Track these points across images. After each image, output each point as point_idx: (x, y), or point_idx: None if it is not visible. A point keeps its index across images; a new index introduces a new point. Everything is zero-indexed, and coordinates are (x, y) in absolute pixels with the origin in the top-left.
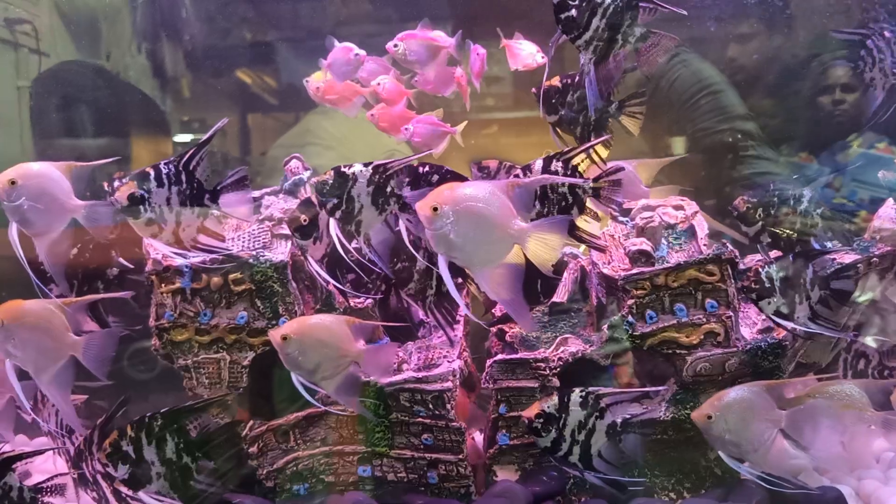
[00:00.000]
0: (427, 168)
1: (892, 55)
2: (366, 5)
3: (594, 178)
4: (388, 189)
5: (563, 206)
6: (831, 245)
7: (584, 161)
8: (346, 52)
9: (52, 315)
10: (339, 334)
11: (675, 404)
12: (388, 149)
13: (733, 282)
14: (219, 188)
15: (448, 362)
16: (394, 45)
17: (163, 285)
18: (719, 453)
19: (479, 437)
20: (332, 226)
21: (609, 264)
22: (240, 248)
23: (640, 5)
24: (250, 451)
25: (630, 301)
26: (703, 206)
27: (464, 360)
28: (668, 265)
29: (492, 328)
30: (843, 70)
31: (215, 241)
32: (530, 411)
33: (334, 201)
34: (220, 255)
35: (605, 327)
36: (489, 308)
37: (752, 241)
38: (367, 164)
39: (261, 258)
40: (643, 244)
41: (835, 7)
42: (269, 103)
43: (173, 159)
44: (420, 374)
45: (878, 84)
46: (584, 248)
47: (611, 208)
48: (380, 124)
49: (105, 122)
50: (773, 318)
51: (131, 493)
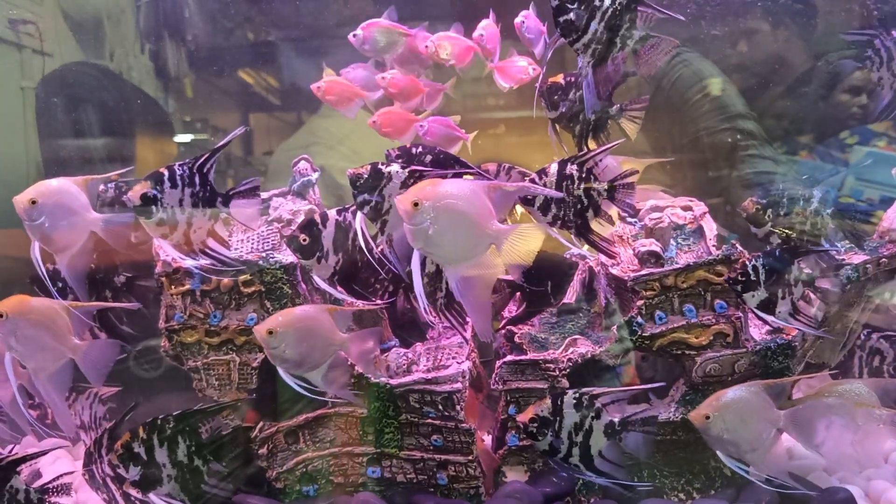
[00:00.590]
0: (420, 148)
1: None
2: (368, 6)
3: (609, 181)
4: None
5: (578, 209)
6: (841, 246)
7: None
8: None
9: (56, 315)
10: (323, 323)
11: (684, 405)
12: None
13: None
14: (231, 193)
15: (458, 363)
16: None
17: (173, 287)
18: (718, 454)
19: (488, 438)
20: (358, 219)
21: (618, 265)
22: (249, 249)
23: (639, 9)
24: (260, 452)
25: (639, 302)
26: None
27: (472, 361)
28: (678, 266)
29: (500, 330)
30: (851, 69)
31: (222, 247)
32: (525, 415)
33: (365, 196)
34: (225, 262)
35: (614, 328)
36: (499, 311)
37: (762, 241)
38: (404, 167)
39: (270, 260)
40: (652, 245)
41: (841, 6)
42: (271, 103)
43: (188, 161)
44: (430, 375)
45: (886, 84)
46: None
47: (625, 211)
48: (382, 130)
49: (111, 123)
50: (756, 311)
51: (141, 495)
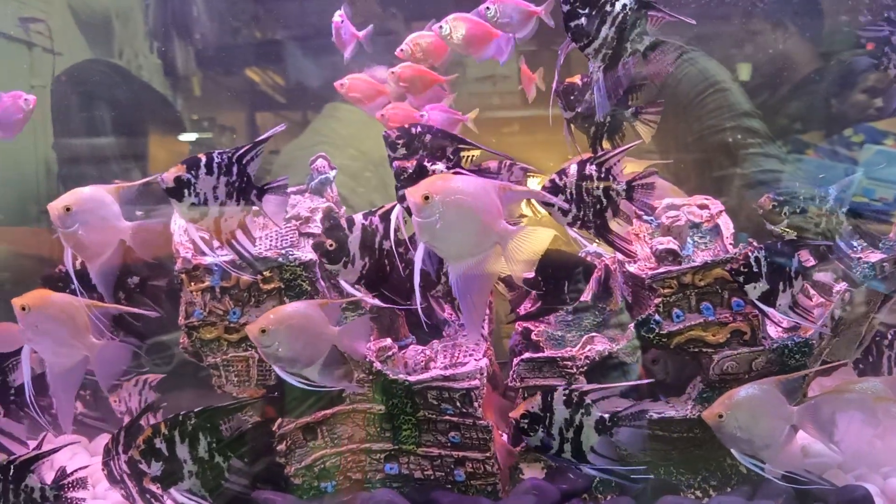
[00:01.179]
0: (419, 128)
1: None
2: (375, 5)
3: (628, 181)
4: None
5: (597, 209)
6: (857, 244)
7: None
8: None
9: (76, 312)
10: (315, 319)
11: (701, 402)
12: None
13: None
14: (264, 188)
15: (475, 360)
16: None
17: (192, 284)
18: (732, 451)
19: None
20: (395, 212)
21: (635, 263)
22: (267, 246)
23: (650, 14)
24: (278, 448)
25: (657, 299)
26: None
27: (489, 358)
28: (696, 264)
29: (517, 327)
30: (866, 66)
31: (248, 242)
32: (516, 412)
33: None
34: (246, 258)
35: (631, 326)
36: (515, 307)
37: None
38: (450, 166)
39: (290, 256)
40: (670, 243)
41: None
42: (277, 102)
43: (227, 150)
44: (448, 372)
45: None
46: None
47: (643, 211)
48: (389, 125)
49: (124, 121)
50: (756, 302)
51: (160, 490)
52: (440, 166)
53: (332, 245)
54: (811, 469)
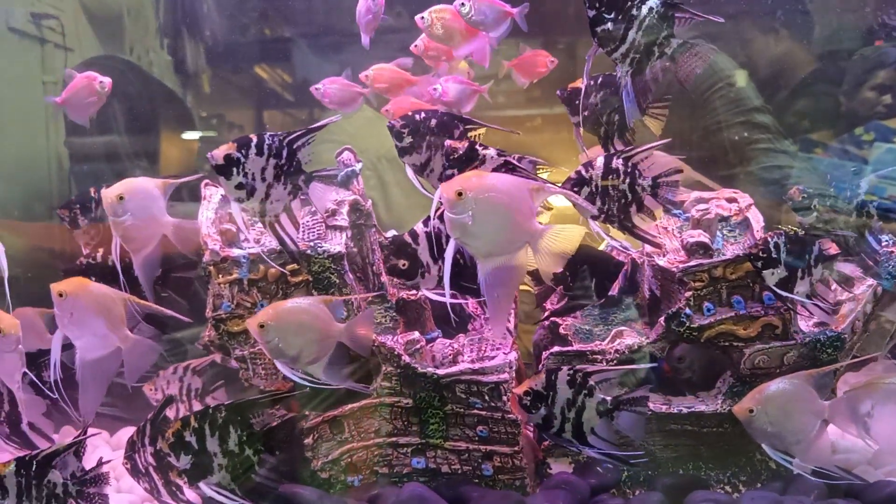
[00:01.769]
0: (423, 114)
1: None
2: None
3: (653, 177)
4: None
5: (622, 204)
6: (887, 239)
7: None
8: None
9: (113, 304)
10: (319, 316)
11: (731, 397)
12: None
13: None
14: (314, 174)
15: (504, 354)
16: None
17: (220, 276)
18: (763, 446)
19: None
20: (437, 193)
21: (664, 256)
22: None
23: (677, 16)
24: (305, 442)
25: (688, 293)
26: None
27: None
28: (727, 257)
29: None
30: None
31: (292, 228)
32: (520, 388)
33: (455, 172)
34: (287, 245)
35: (661, 319)
36: (541, 302)
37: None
38: (500, 153)
39: (318, 249)
40: (701, 236)
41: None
42: (285, 99)
43: (280, 133)
44: (476, 366)
45: None
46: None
47: (667, 208)
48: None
49: (138, 118)
50: (773, 288)
51: (189, 484)
52: (491, 151)
53: (404, 265)
54: (841, 465)
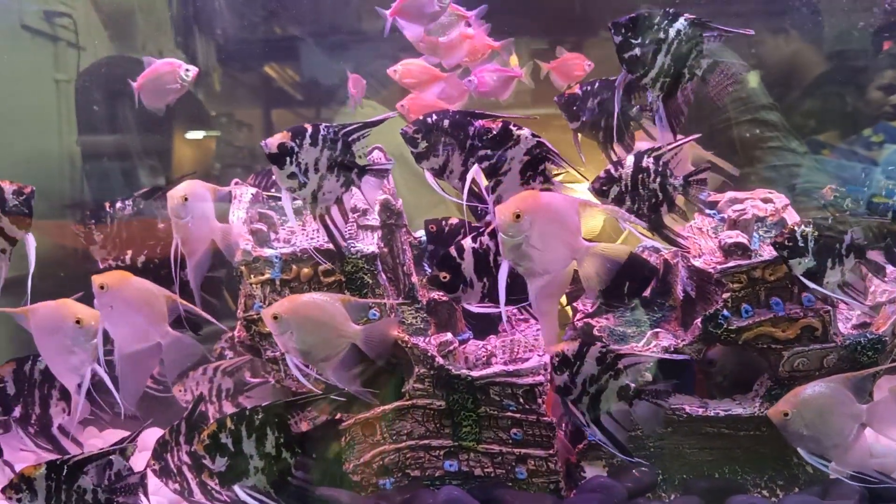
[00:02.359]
0: (435, 116)
1: None
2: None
3: (684, 176)
4: (541, 168)
5: (653, 204)
6: None
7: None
8: None
9: (154, 299)
10: (334, 314)
11: (769, 400)
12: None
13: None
14: (366, 168)
15: (538, 356)
16: None
17: (252, 276)
18: (799, 450)
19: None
20: (472, 171)
21: (700, 257)
22: (324, 240)
23: (705, 35)
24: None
25: (725, 294)
26: None
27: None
28: (766, 258)
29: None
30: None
31: (341, 220)
32: (554, 347)
33: (488, 152)
34: (335, 239)
35: (698, 321)
36: (571, 301)
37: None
38: (535, 135)
39: (352, 249)
40: (739, 237)
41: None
42: (295, 98)
43: (335, 125)
44: (511, 368)
45: None
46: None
47: (698, 207)
48: (409, 116)
49: (152, 117)
50: (802, 278)
51: (222, 487)
52: (526, 132)
53: (445, 277)
54: (878, 469)
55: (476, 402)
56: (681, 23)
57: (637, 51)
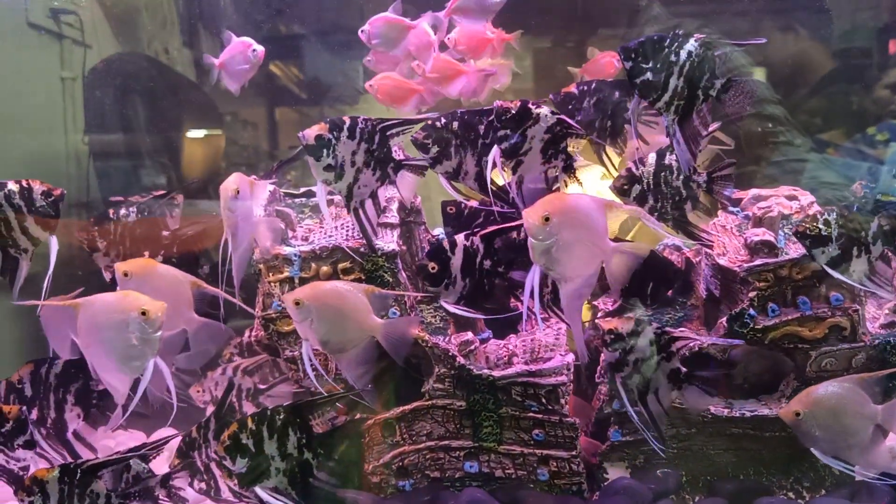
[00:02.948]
0: (443, 119)
1: None
2: None
3: (708, 173)
4: (563, 145)
5: (676, 201)
6: None
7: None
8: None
9: (179, 285)
10: (357, 304)
11: None
12: None
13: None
14: (403, 162)
15: (561, 355)
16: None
17: (270, 275)
18: (812, 450)
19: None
20: (492, 153)
21: (724, 255)
22: (344, 237)
23: (717, 54)
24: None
25: (751, 293)
26: None
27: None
28: (794, 256)
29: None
30: None
31: (375, 215)
32: (609, 323)
33: (507, 132)
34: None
35: (723, 320)
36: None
37: None
38: (554, 112)
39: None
40: (766, 234)
41: None
42: (299, 97)
43: (374, 119)
44: (534, 367)
45: None
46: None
47: (723, 202)
48: (377, 96)
49: (163, 115)
50: (827, 268)
51: (241, 489)
52: (545, 110)
53: (434, 268)
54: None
55: (497, 402)
56: (692, 44)
57: (649, 75)
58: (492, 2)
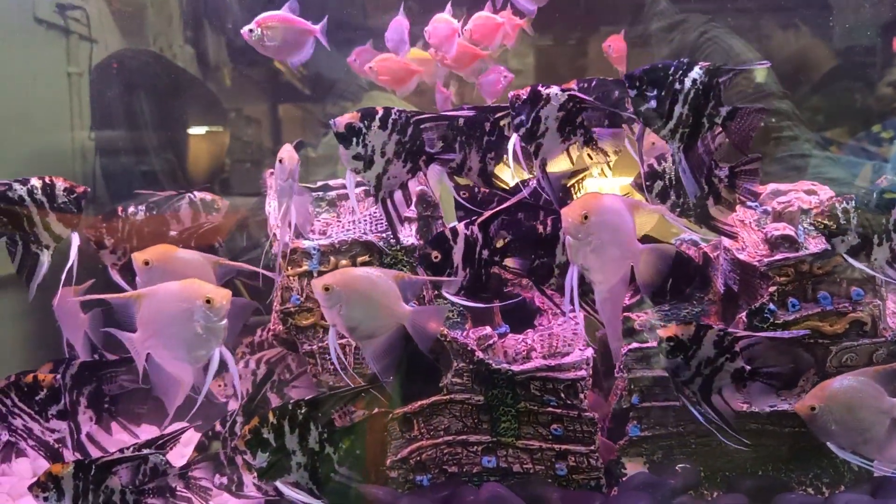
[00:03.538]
0: (462, 120)
1: None
2: None
3: (731, 167)
4: (579, 120)
5: (698, 196)
6: None
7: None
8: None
9: (201, 267)
10: (387, 291)
11: None
12: None
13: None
14: (433, 154)
15: (580, 350)
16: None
17: (289, 268)
18: (829, 445)
19: None
20: (512, 141)
21: (744, 250)
22: (363, 230)
23: (720, 81)
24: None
25: (772, 288)
26: None
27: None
28: (815, 251)
29: None
30: None
31: (404, 207)
32: (667, 331)
33: (522, 118)
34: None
35: (742, 315)
36: None
37: None
38: (564, 90)
39: (391, 240)
40: (786, 229)
41: None
42: (302, 94)
43: (407, 111)
44: (552, 362)
45: None
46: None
47: (747, 197)
48: (379, 78)
49: (168, 111)
50: (846, 257)
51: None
52: (555, 89)
53: (437, 257)
54: None
55: (516, 396)
56: (696, 72)
57: (653, 104)
58: None
